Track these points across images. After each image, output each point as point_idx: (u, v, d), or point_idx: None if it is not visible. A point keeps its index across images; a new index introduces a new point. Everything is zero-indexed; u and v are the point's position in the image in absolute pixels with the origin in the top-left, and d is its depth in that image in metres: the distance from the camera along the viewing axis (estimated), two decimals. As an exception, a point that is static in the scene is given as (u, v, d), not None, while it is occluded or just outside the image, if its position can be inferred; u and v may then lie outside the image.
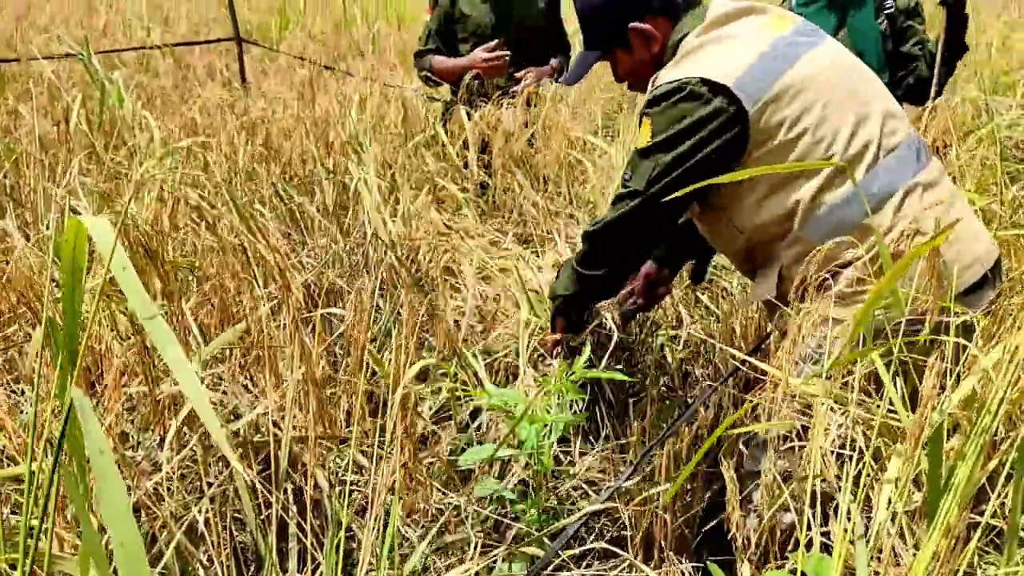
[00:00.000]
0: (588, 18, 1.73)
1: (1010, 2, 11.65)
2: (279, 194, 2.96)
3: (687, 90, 1.50)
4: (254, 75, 5.71)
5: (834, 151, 1.50)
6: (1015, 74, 4.96)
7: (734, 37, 1.57)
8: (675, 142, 1.53)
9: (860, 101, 1.54)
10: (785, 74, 1.50)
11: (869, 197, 1.48)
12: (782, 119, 1.49)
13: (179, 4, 8.11)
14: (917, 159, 1.54)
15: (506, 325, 2.13)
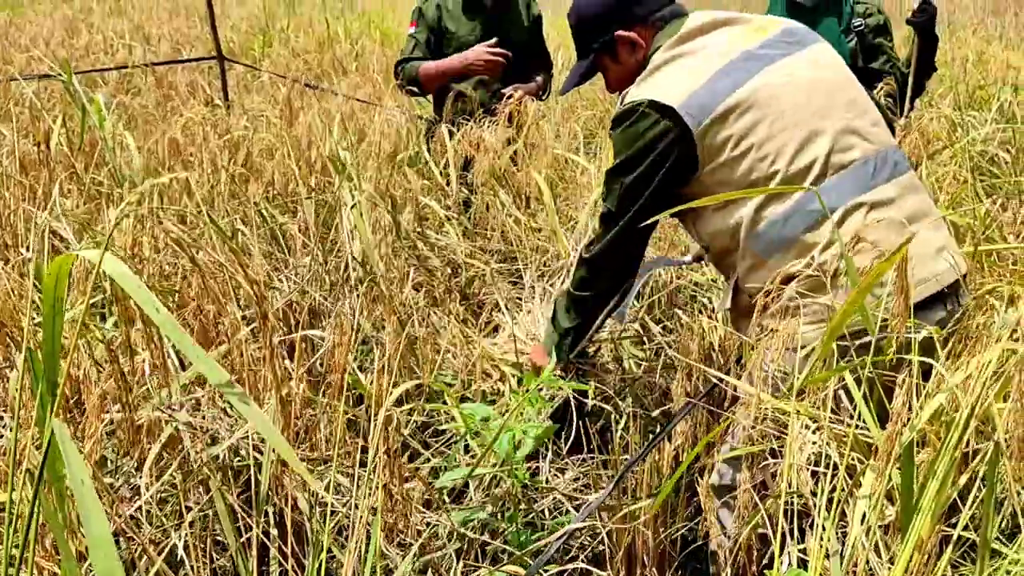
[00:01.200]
0: (578, 28, 1.79)
1: (986, 16, 11.84)
2: (261, 213, 2.97)
3: (639, 112, 1.58)
4: (237, 92, 5.72)
5: (777, 167, 1.53)
6: (991, 88, 5.03)
7: (694, 54, 1.62)
8: (633, 164, 1.61)
9: (816, 116, 1.55)
10: (735, 92, 1.54)
11: (808, 214, 1.51)
12: (728, 136, 1.54)
13: (161, 23, 8.11)
14: (873, 176, 1.55)
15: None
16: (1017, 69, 5.72)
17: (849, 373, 1.31)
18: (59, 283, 0.76)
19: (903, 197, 1.56)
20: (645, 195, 1.62)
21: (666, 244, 3.19)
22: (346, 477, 1.54)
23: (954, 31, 9.21)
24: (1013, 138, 4.09)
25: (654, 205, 1.63)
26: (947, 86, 5.36)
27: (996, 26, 10.34)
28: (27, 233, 2.65)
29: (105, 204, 2.80)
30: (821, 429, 1.31)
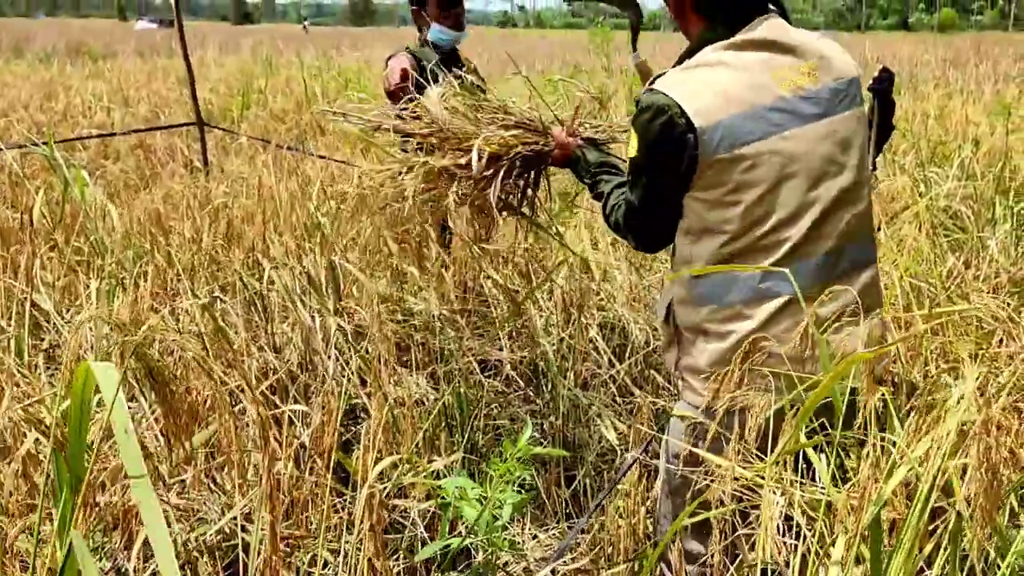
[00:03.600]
0: None
1: (947, 69, 12.26)
2: (242, 279, 3.00)
3: (668, 115, 1.53)
4: (216, 155, 5.78)
5: (753, 232, 1.55)
6: (952, 144, 5.21)
7: (738, 71, 1.57)
8: (654, 161, 1.60)
9: (809, 203, 1.56)
10: (753, 144, 1.53)
11: (753, 289, 1.56)
12: (727, 180, 1.54)
13: (139, 86, 8.20)
14: (830, 275, 1.58)
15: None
16: (977, 124, 5.93)
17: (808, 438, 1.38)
18: (86, 388, 0.80)
19: (842, 297, 1.55)
20: (657, 190, 1.65)
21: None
22: (331, 553, 1.55)
23: (916, 85, 9.54)
24: (975, 194, 4.23)
25: (666, 201, 1.65)
26: (909, 142, 5.54)
27: (957, 79, 10.73)
28: (8, 304, 2.66)
29: (85, 274, 2.83)
30: (787, 493, 1.36)
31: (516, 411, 2.84)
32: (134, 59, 14.66)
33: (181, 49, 4.68)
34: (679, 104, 1.52)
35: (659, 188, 1.63)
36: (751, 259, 1.56)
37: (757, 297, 1.56)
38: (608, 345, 2.96)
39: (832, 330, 1.54)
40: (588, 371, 2.95)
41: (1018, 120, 6.13)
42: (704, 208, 1.58)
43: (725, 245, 1.57)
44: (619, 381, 2.87)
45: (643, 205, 1.67)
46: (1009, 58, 15.69)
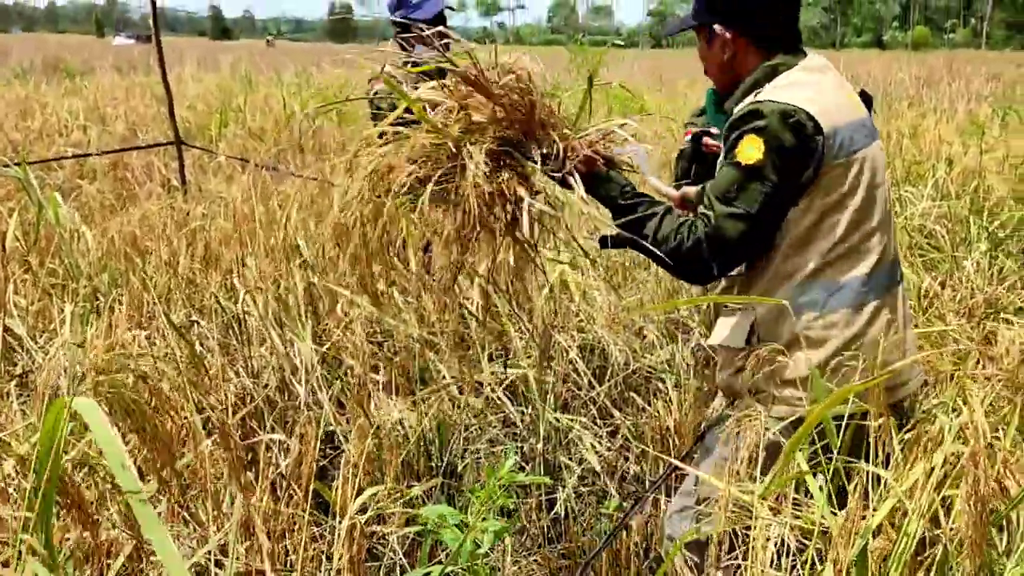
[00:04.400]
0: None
1: (921, 87, 12.45)
2: (219, 302, 2.96)
3: (796, 118, 1.56)
4: (193, 174, 5.73)
5: (853, 235, 1.63)
6: (926, 163, 5.27)
7: (831, 87, 1.68)
8: (783, 165, 1.57)
9: (882, 210, 1.68)
10: (863, 150, 1.63)
11: (856, 294, 1.64)
12: (841, 183, 1.61)
13: (116, 103, 8.14)
14: (890, 279, 1.72)
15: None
16: (950, 143, 6.00)
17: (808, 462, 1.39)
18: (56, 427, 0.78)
19: (904, 300, 1.75)
20: (779, 198, 1.60)
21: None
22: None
23: (891, 103, 9.66)
24: (949, 213, 4.28)
25: (780, 211, 1.62)
26: (885, 162, 5.61)
27: (931, 97, 10.89)
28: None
29: (60, 298, 2.78)
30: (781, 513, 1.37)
31: (496, 434, 2.82)
32: (112, 75, 14.55)
33: (159, 67, 4.65)
34: (803, 108, 1.57)
35: (781, 194, 1.60)
36: (850, 263, 1.64)
37: (859, 302, 1.65)
38: (588, 367, 2.96)
39: (903, 332, 1.70)
40: (569, 392, 2.94)
41: (991, 140, 6.22)
42: (816, 213, 1.62)
43: (831, 250, 1.63)
44: (599, 403, 2.87)
45: (754, 215, 1.58)
46: (981, 76, 15.97)
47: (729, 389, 1.80)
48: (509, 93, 1.67)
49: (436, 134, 1.72)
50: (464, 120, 1.71)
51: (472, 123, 1.70)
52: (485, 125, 1.70)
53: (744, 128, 1.60)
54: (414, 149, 1.76)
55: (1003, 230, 4.25)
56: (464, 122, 1.70)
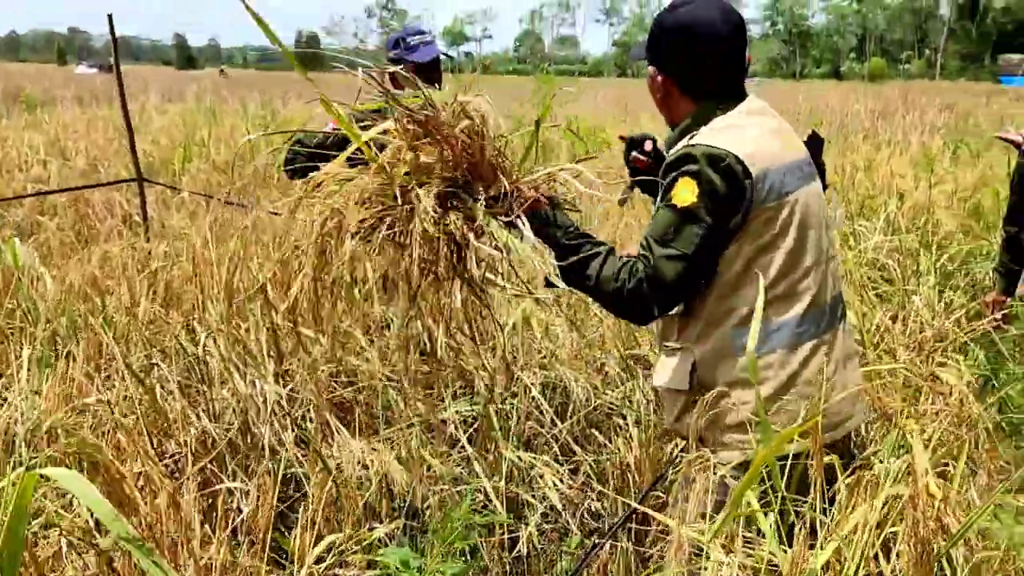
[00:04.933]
0: (652, 29, 1.82)
1: (876, 119, 12.78)
2: (181, 344, 2.96)
3: (726, 162, 1.60)
4: (157, 209, 5.70)
5: (785, 280, 1.68)
6: (879, 198, 5.42)
7: (765, 131, 1.72)
8: (715, 209, 1.61)
9: (815, 252, 1.71)
10: (794, 193, 1.67)
11: (791, 334, 1.68)
12: (770, 227, 1.65)
13: (77, 137, 8.08)
14: (834, 319, 1.77)
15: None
16: (903, 176, 6.18)
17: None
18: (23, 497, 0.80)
19: (843, 339, 1.80)
20: (713, 239, 1.64)
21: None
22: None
23: (847, 135, 9.92)
24: (900, 247, 4.41)
25: (713, 252, 1.66)
26: (840, 196, 5.75)
27: (886, 129, 11.19)
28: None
29: (17, 342, 2.76)
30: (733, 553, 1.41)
31: (460, 472, 2.83)
32: (73, 108, 14.44)
33: (121, 105, 4.64)
34: (733, 153, 1.61)
35: (715, 236, 1.64)
36: (784, 305, 1.69)
37: (794, 343, 1.69)
38: (551, 404, 2.99)
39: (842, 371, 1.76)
40: (531, 430, 2.97)
41: (941, 172, 6.42)
42: (747, 256, 1.66)
43: (768, 290, 1.65)
44: (561, 440, 2.90)
45: (691, 257, 1.62)
46: (935, 107, 16.43)
47: (676, 432, 1.84)
48: (459, 135, 1.69)
49: (384, 176, 1.75)
50: (413, 161, 1.73)
51: (421, 164, 1.73)
52: (433, 165, 1.72)
53: (678, 172, 1.65)
54: (363, 193, 1.78)
55: (952, 263, 4.39)
56: (412, 163, 1.73)
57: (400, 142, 1.77)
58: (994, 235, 4.58)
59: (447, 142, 1.70)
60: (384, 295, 3.20)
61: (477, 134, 1.72)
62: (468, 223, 1.74)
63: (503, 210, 1.73)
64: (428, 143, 1.73)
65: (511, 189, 1.72)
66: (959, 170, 6.83)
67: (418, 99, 1.84)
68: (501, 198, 1.73)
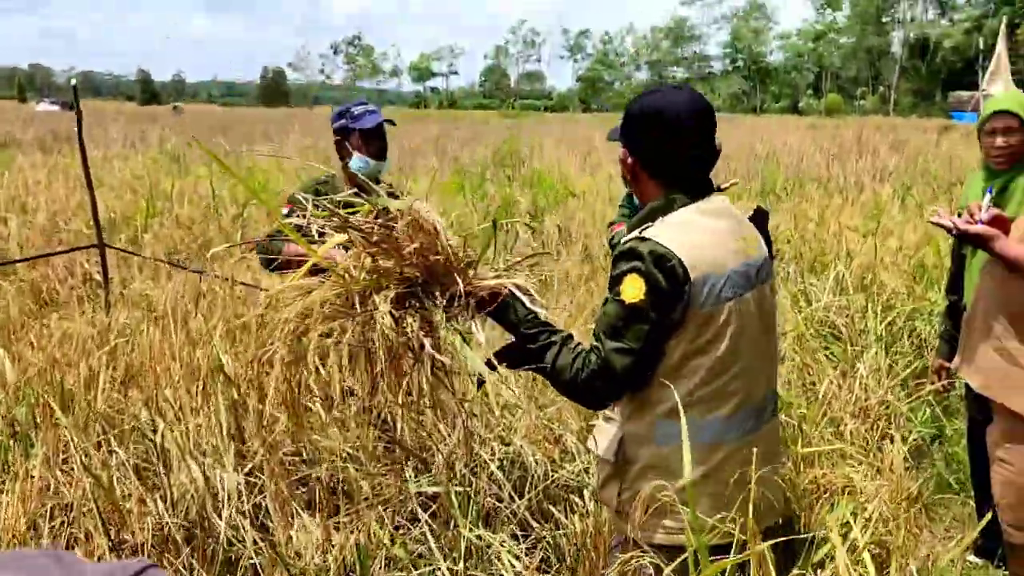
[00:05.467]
0: (627, 112, 1.88)
1: (830, 162, 13.10)
2: (139, 427, 2.97)
3: (671, 263, 1.68)
4: (119, 269, 5.69)
5: (714, 382, 1.74)
6: (830, 255, 5.59)
7: (716, 235, 1.77)
8: (659, 305, 1.69)
9: (748, 357, 1.78)
10: (730, 302, 1.74)
11: (714, 435, 1.76)
12: (706, 332, 1.72)
13: (38, 191, 8.03)
14: (761, 420, 1.84)
15: None
16: (853, 229, 6.38)
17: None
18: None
19: (768, 441, 1.88)
20: (656, 334, 1.72)
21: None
22: None
23: (802, 183, 10.19)
24: (849, 305, 4.56)
25: (655, 347, 1.74)
26: (794, 250, 5.94)
27: (839, 174, 11.49)
28: None
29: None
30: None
31: (420, 549, 2.86)
32: (35, 153, 14.33)
33: (84, 173, 4.66)
34: (678, 255, 1.69)
35: (657, 333, 1.72)
36: (714, 404, 1.75)
37: (716, 442, 1.76)
38: (509, 478, 3.04)
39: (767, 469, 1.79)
40: (490, 505, 3.02)
41: (890, 225, 6.64)
42: (682, 355, 1.73)
43: (696, 390, 1.74)
44: (519, 515, 2.94)
45: (639, 350, 1.71)
46: (887, 145, 16.92)
47: (602, 501, 1.93)
48: (414, 243, 1.80)
49: (343, 283, 1.84)
50: (371, 266, 1.83)
51: (379, 268, 1.83)
52: (391, 270, 1.83)
53: (627, 268, 1.74)
54: (323, 303, 1.86)
55: (899, 319, 4.54)
56: (371, 268, 1.83)
57: (358, 249, 1.86)
58: (936, 292, 4.76)
59: (401, 254, 1.80)
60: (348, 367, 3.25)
61: (431, 241, 1.82)
62: (426, 325, 1.84)
63: (460, 310, 1.84)
64: (386, 249, 1.83)
65: (467, 290, 1.82)
66: (906, 220, 7.06)
67: (367, 207, 1.95)
68: (458, 298, 1.83)
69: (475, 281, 1.86)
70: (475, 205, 7.19)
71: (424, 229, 1.82)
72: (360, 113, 3.39)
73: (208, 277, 4.62)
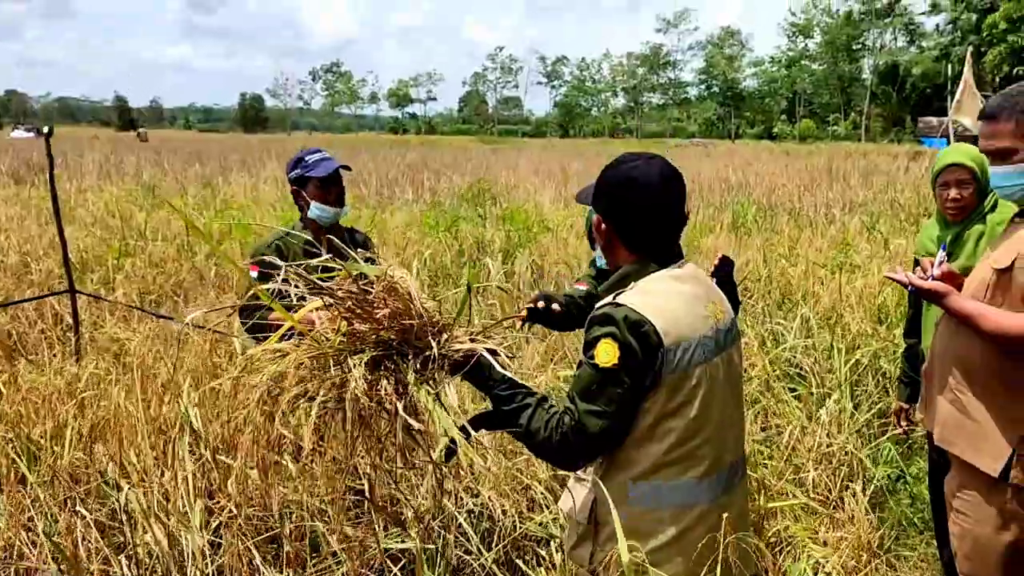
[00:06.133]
0: (600, 178, 1.94)
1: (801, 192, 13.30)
2: (104, 484, 2.96)
3: (644, 328, 1.73)
4: (89, 312, 5.66)
5: (683, 446, 1.78)
6: (797, 294, 5.68)
7: (688, 301, 1.83)
8: (633, 369, 1.73)
9: (716, 422, 1.83)
10: (700, 367, 1.78)
11: (684, 497, 1.80)
12: (677, 396, 1.77)
13: (10, 228, 7.98)
14: (728, 482, 1.88)
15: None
16: (822, 265, 6.48)
17: None
18: None
19: (737, 503, 1.92)
20: (630, 398, 1.76)
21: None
22: None
23: (774, 216, 10.33)
24: (815, 346, 4.63)
25: (631, 409, 1.78)
26: (763, 288, 6.02)
27: (811, 204, 11.66)
28: None
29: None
30: None
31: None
32: (8, 185, 14.23)
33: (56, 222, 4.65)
34: (651, 320, 1.74)
35: (630, 396, 1.75)
36: (685, 467, 1.79)
37: (687, 504, 1.80)
38: (476, 530, 3.06)
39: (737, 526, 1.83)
40: (458, 559, 3.03)
41: (858, 259, 6.75)
42: (655, 418, 1.77)
43: (668, 452, 1.78)
44: (488, 568, 2.96)
45: (612, 413, 1.75)
46: (859, 172, 17.19)
47: (573, 560, 1.96)
48: (388, 307, 1.85)
49: (318, 347, 1.88)
50: (346, 329, 1.86)
51: (355, 331, 1.86)
52: (366, 334, 1.86)
53: (601, 333, 1.77)
54: (299, 366, 1.89)
55: (863, 360, 4.61)
56: (347, 331, 1.86)
57: (334, 312, 1.90)
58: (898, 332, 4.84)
59: (376, 318, 1.85)
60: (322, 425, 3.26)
61: (405, 306, 1.86)
62: (399, 387, 1.86)
63: (433, 372, 1.86)
64: (360, 314, 1.87)
65: (439, 354, 1.85)
66: (873, 253, 7.18)
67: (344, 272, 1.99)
68: (432, 360, 1.86)
69: (450, 344, 1.89)
70: (448, 245, 7.23)
71: (399, 294, 1.87)
72: (314, 161, 3.43)
73: (179, 325, 4.62)
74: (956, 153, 3.09)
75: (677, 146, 50.29)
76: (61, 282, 6.01)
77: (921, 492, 3.94)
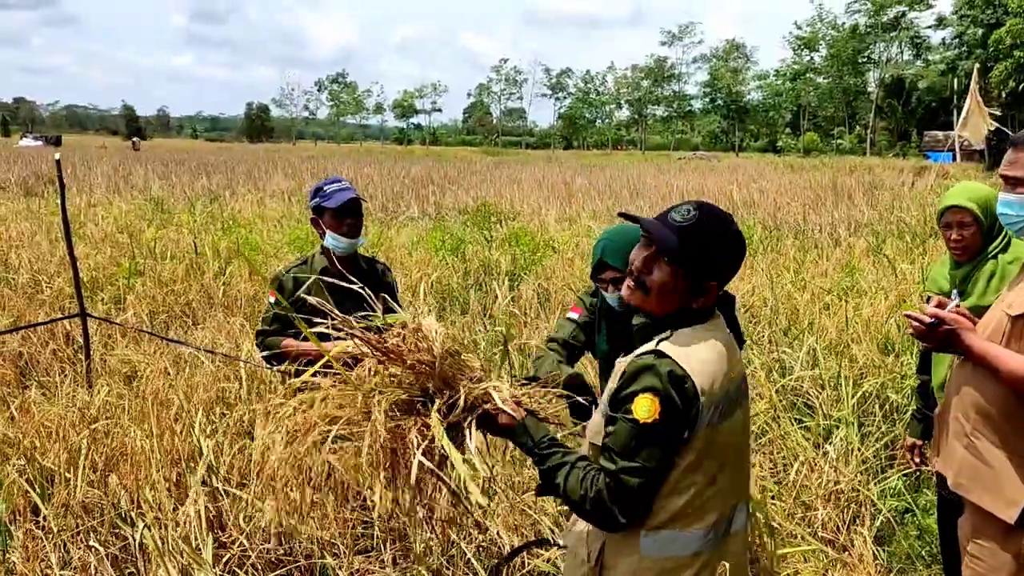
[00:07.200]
0: (693, 240, 1.81)
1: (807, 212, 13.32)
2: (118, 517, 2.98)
3: (687, 384, 1.73)
4: (100, 334, 5.70)
5: (697, 499, 1.79)
6: (803, 322, 5.69)
7: (719, 357, 1.82)
8: (673, 424, 1.73)
9: (729, 475, 1.85)
10: (723, 424, 1.80)
11: (696, 545, 1.81)
12: (706, 448, 1.78)
13: (21, 244, 8.04)
14: (735, 525, 1.90)
15: None
16: (827, 291, 6.49)
17: None
18: None
19: (737, 550, 1.93)
20: (668, 455, 1.76)
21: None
22: None
23: (779, 238, 10.34)
24: (822, 377, 4.65)
25: (668, 466, 1.77)
26: (770, 313, 6.03)
27: (815, 224, 11.67)
28: None
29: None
30: None
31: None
32: (18, 197, 14.31)
33: (67, 246, 4.69)
34: (692, 376, 1.74)
35: (670, 453, 1.75)
36: (696, 517, 1.81)
37: (696, 551, 1.81)
38: (484, 567, 3.07)
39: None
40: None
41: (863, 285, 6.76)
42: (679, 471, 1.77)
43: (685, 506, 1.78)
44: (496, 605, 2.97)
45: (655, 468, 1.74)
46: (863, 188, 17.20)
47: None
48: (418, 353, 1.91)
49: (351, 387, 1.93)
50: (382, 373, 1.92)
51: (389, 375, 1.92)
52: (400, 377, 1.92)
53: (641, 387, 1.76)
54: (332, 405, 1.94)
55: (870, 390, 4.62)
56: (382, 374, 1.92)
57: (369, 358, 1.96)
58: (908, 357, 4.85)
59: (406, 363, 1.91)
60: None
61: (431, 353, 1.91)
62: (423, 429, 1.89)
63: (458, 416, 1.90)
64: (392, 358, 1.93)
65: (466, 400, 1.90)
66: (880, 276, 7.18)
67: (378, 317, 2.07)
68: (460, 406, 1.90)
69: (479, 394, 1.93)
70: (455, 268, 7.26)
71: (429, 341, 1.93)
72: (331, 192, 3.49)
73: (189, 348, 4.65)
74: (957, 195, 3.09)
75: (681, 159, 50.36)
76: (72, 302, 6.04)
77: (929, 525, 3.94)
